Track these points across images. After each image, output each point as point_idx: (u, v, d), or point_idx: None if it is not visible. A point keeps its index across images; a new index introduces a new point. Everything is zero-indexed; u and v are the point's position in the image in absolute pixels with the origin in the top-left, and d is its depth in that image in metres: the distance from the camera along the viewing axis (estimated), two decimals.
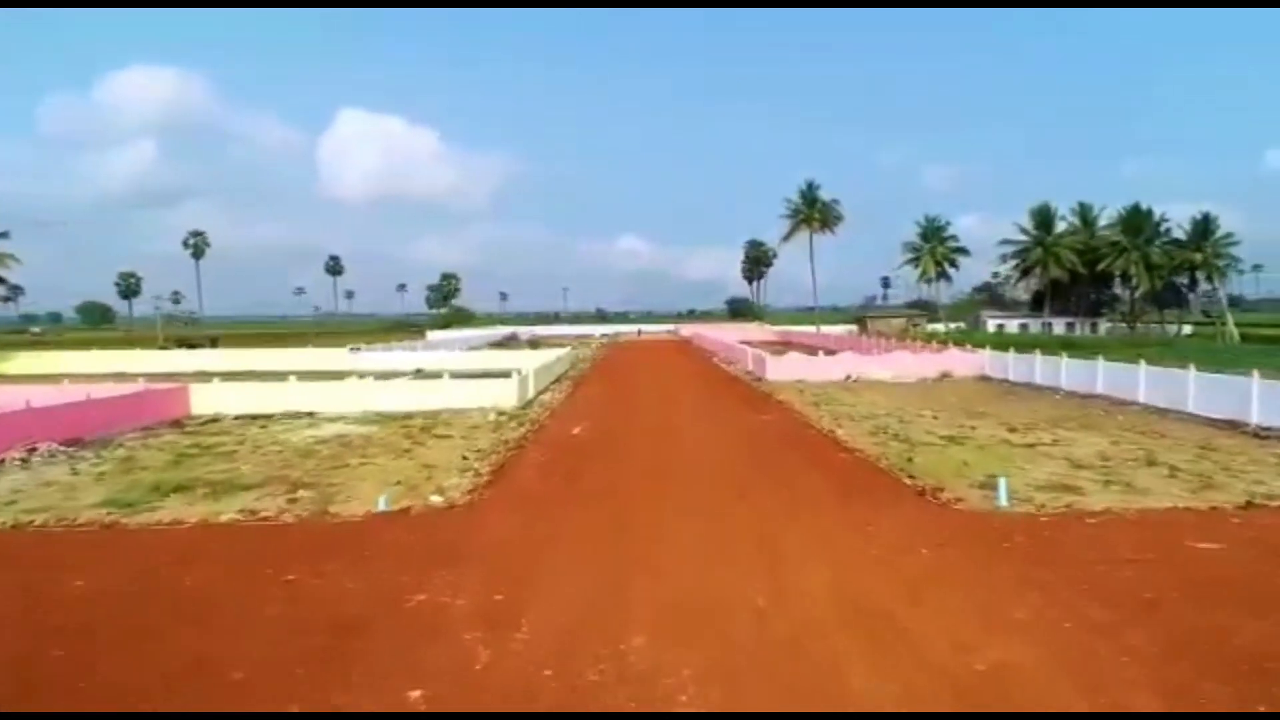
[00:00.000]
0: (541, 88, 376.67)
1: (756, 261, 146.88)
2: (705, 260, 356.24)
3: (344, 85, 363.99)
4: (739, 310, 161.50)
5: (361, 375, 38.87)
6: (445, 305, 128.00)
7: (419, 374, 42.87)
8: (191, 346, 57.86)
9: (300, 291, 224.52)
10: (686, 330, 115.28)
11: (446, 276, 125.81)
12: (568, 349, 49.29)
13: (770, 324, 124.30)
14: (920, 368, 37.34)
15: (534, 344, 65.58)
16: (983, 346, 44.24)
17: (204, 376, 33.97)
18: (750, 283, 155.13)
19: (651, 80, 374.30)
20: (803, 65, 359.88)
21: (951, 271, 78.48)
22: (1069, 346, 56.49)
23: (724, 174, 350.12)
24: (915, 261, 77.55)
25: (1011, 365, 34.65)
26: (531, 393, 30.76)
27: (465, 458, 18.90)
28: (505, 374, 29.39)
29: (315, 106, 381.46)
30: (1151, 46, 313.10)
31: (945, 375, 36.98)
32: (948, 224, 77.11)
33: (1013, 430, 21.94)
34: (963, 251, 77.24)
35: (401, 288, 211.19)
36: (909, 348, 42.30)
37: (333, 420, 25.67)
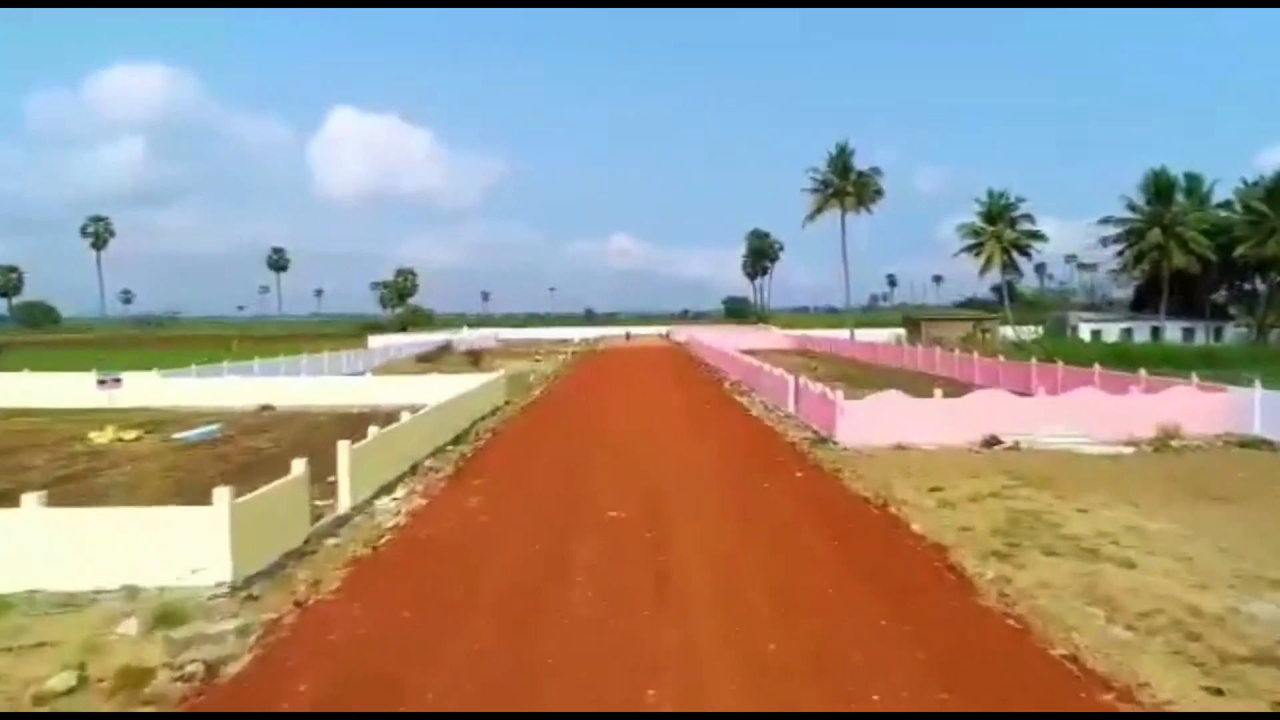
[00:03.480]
0: (532, 86, 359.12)
1: (760, 255, 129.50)
2: (699, 260, 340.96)
3: (334, 84, 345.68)
4: (737, 311, 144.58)
5: (106, 433, 21.98)
6: (401, 305, 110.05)
7: (263, 412, 25.60)
8: None
9: (264, 290, 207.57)
10: (681, 334, 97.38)
11: (402, 273, 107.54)
12: (501, 373, 31.87)
13: (777, 326, 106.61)
14: (1120, 418, 20.05)
15: (475, 358, 47.83)
16: (1091, 363, 27.99)
17: None
18: (752, 280, 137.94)
19: (646, 79, 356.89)
20: (797, 65, 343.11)
21: (1022, 262, 61.40)
22: (1212, 362, 39.93)
23: (718, 172, 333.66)
24: (976, 249, 60.38)
25: None
26: (347, 502, 13.50)
27: None
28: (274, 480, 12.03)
29: (306, 106, 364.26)
30: (1142, 47, 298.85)
31: (1169, 434, 19.77)
32: (1019, 202, 59.93)
33: None
34: (1038, 236, 60.08)
35: (375, 286, 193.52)
36: (1118, 381, 23.74)
37: None
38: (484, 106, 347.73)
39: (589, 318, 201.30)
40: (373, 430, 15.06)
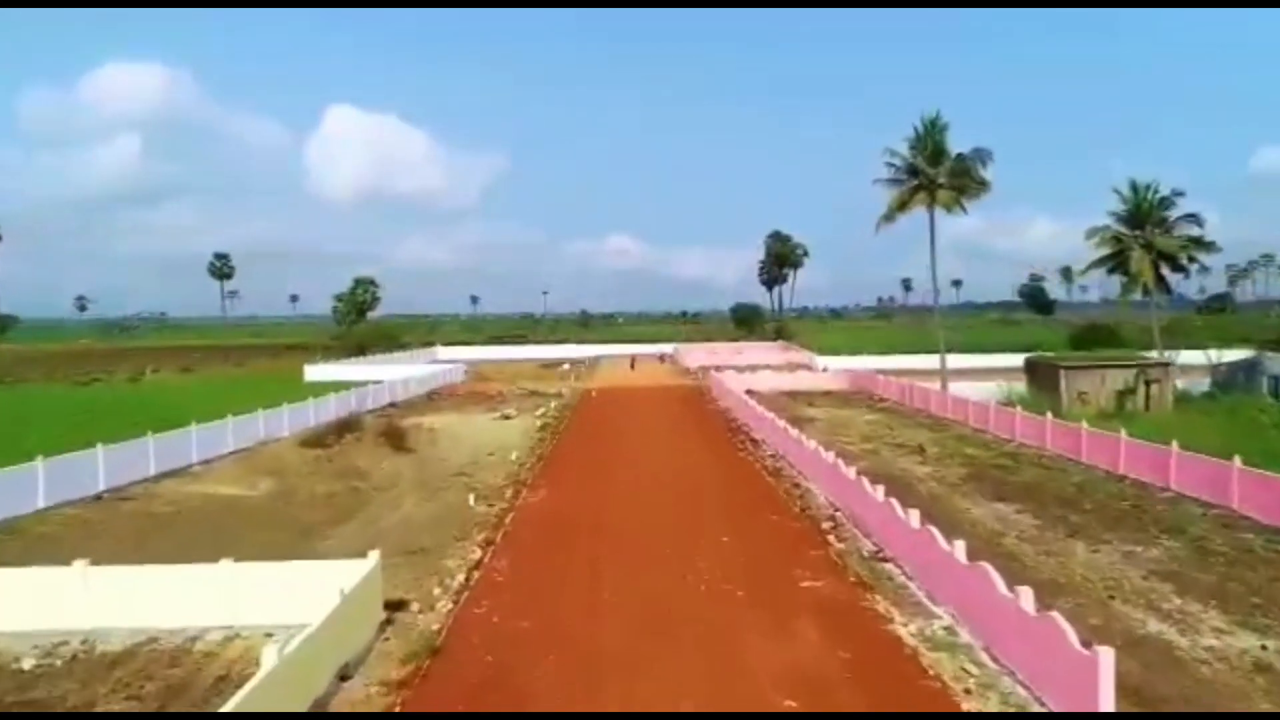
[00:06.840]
0: (531, 87, 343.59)
1: (780, 260, 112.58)
2: (698, 260, 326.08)
3: (333, 84, 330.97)
4: (747, 319, 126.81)
5: None
6: (359, 320, 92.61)
7: None
8: None
9: (233, 295, 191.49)
10: (692, 356, 78.81)
11: (360, 283, 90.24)
12: (374, 562, 14.67)
13: (798, 343, 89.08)
14: None
15: (396, 438, 30.11)
16: None
17: None
18: (769, 288, 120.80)
19: (646, 78, 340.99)
20: (798, 65, 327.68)
21: (1174, 278, 44.89)
22: None
23: (718, 172, 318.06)
24: (1115, 261, 43.87)
25: None
26: None
27: None
28: None
29: (304, 105, 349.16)
30: (1139, 48, 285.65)
31: None
32: (1175, 199, 43.37)
33: None
34: (1205, 245, 43.53)
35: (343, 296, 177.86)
36: None
37: None
38: (483, 106, 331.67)
39: (585, 319, 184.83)
40: None
